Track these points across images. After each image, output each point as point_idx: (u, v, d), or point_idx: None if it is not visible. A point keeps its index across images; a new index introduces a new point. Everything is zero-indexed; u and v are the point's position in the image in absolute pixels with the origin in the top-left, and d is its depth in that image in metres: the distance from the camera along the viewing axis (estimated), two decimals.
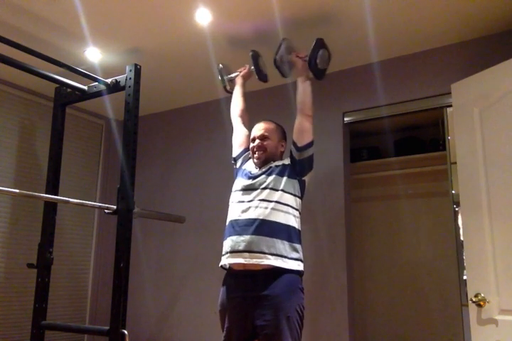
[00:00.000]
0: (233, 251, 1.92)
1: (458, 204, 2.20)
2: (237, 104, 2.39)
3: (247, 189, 2.03)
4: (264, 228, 1.90)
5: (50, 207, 2.30)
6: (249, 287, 1.88)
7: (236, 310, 1.90)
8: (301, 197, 2.06)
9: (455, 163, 2.28)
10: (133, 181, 2.04)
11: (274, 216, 1.93)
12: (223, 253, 1.99)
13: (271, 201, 1.95)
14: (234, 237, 1.94)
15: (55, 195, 2.30)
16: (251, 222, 1.92)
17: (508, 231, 1.93)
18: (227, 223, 2.04)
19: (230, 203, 2.10)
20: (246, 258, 1.88)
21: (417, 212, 3.29)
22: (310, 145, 2.06)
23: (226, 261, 1.96)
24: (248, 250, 1.88)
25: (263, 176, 2.03)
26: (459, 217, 2.27)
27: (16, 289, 3.02)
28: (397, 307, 3.22)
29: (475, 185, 2.08)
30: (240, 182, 2.10)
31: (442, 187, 2.99)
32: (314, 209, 2.72)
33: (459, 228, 2.32)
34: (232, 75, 2.50)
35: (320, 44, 2.15)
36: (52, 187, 2.32)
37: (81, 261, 3.51)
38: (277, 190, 1.98)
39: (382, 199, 3.44)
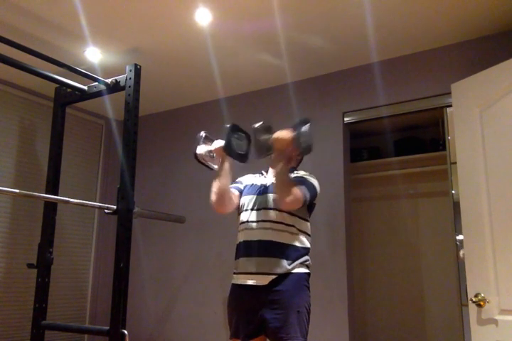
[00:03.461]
0: (243, 273, 1.95)
1: (458, 204, 2.20)
2: (227, 188, 2.04)
3: (256, 209, 2.00)
4: (274, 249, 1.91)
5: (50, 207, 2.30)
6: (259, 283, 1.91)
7: (245, 305, 1.92)
8: (308, 220, 2.06)
9: (455, 163, 2.28)
10: (133, 181, 2.04)
11: (283, 237, 1.93)
12: (234, 271, 2.01)
13: (279, 223, 1.95)
14: (244, 258, 1.96)
15: (55, 195, 2.30)
16: (260, 243, 1.93)
17: (508, 231, 1.93)
18: (237, 242, 2.03)
19: (239, 223, 2.07)
20: (258, 279, 1.90)
21: (417, 212, 3.29)
22: (313, 198, 2.00)
23: (237, 281, 1.98)
24: (258, 272, 1.90)
25: (272, 195, 1.99)
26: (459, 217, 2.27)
27: (16, 289, 3.02)
28: (397, 307, 3.22)
29: (475, 185, 2.08)
30: (248, 201, 2.06)
31: (442, 187, 2.99)
32: (314, 209, 2.72)
33: (459, 228, 2.32)
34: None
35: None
36: (52, 187, 2.31)
37: (81, 261, 3.51)
38: (286, 213, 1.96)
39: (382, 199, 3.44)
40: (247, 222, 2.01)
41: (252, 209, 2.02)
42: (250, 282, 1.91)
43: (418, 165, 3.21)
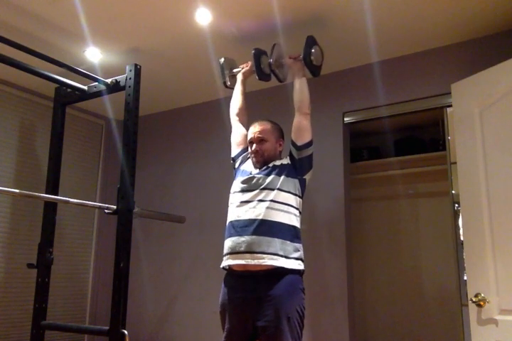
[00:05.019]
0: (234, 252, 1.92)
1: (458, 204, 2.20)
2: (236, 102, 2.36)
3: (246, 190, 2.02)
4: (264, 228, 1.90)
5: (50, 207, 2.31)
6: (250, 288, 1.88)
7: (237, 311, 1.90)
8: (301, 197, 2.06)
9: (455, 163, 2.28)
10: (133, 181, 2.04)
11: (273, 215, 1.92)
12: (223, 254, 1.99)
13: (270, 201, 1.95)
14: (234, 238, 1.94)
15: (55, 195, 2.31)
16: (251, 222, 1.92)
17: (508, 231, 1.93)
18: (226, 224, 2.04)
19: (229, 204, 2.09)
20: (247, 259, 1.87)
21: (417, 212, 3.29)
22: (309, 144, 2.06)
23: (226, 262, 1.96)
24: (249, 251, 1.87)
25: (262, 177, 2.02)
26: (459, 217, 2.27)
27: (16, 289, 3.02)
28: (397, 307, 3.22)
29: (475, 185, 2.08)
30: (239, 183, 2.09)
31: (442, 187, 2.99)
32: (314, 209, 2.72)
33: (459, 228, 2.32)
34: (234, 70, 2.46)
35: (312, 41, 2.18)
36: (52, 187, 2.32)
37: (81, 261, 3.51)
38: (276, 190, 1.97)
39: (382, 199, 3.44)
40: (237, 202, 2.02)
41: (242, 191, 2.03)
42: (240, 262, 1.89)
43: (418, 165, 3.21)
